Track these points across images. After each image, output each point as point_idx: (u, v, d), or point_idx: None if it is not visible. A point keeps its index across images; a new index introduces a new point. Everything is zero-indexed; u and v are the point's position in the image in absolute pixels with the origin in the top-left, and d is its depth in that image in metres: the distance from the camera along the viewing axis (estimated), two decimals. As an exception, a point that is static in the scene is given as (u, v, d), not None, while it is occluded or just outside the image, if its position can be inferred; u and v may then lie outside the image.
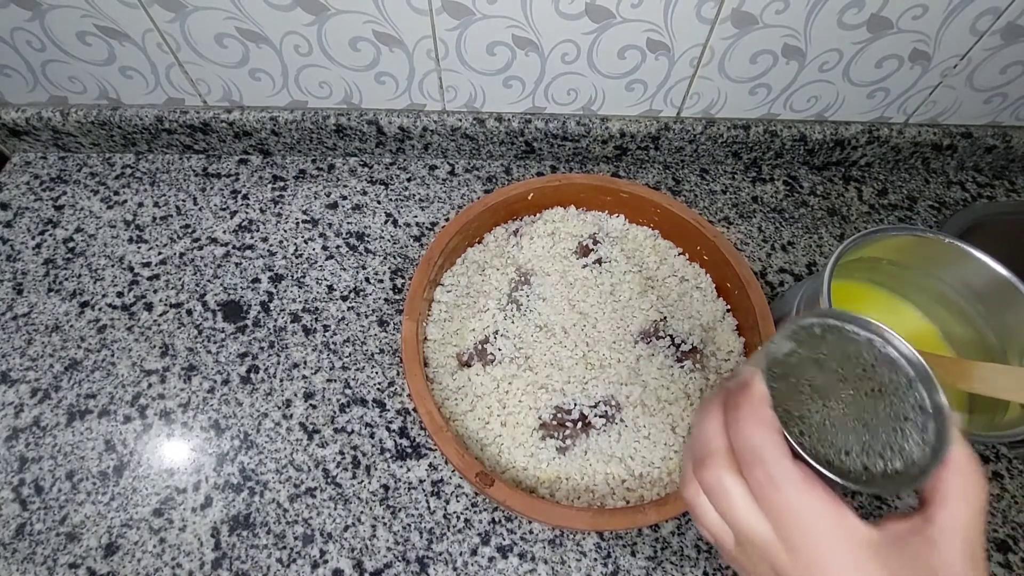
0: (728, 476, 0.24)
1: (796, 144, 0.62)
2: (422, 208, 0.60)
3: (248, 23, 0.50)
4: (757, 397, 0.25)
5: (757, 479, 0.24)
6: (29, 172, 0.62)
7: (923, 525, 0.23)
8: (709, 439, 0.26)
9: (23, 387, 0.49)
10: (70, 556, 0.42)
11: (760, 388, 0.25)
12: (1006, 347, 0.42)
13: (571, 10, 0.49)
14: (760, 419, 0.24)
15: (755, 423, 0.24)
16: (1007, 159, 0.64)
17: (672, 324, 0.47)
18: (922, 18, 0.50)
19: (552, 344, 0.46)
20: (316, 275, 0.55)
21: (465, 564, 0.42)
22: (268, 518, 0.43)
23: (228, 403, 0.48)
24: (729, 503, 0.24)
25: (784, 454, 0.23)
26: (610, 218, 0.54)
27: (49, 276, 0.55)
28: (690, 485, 0.26)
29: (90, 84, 0.57)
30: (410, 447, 0.46)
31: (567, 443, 0.42)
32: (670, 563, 0.42)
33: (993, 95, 0.58)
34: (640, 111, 0.60)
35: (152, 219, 0.59)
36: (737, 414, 0.25)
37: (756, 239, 0.59)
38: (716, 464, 0.25)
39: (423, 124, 0.59)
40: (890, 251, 0.45)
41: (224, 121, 0.59)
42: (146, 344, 0.51)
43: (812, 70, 0.55)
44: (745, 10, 0.49)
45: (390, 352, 0.51)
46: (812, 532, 0.23)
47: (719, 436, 0.25)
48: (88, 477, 0.45)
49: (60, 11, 0.50)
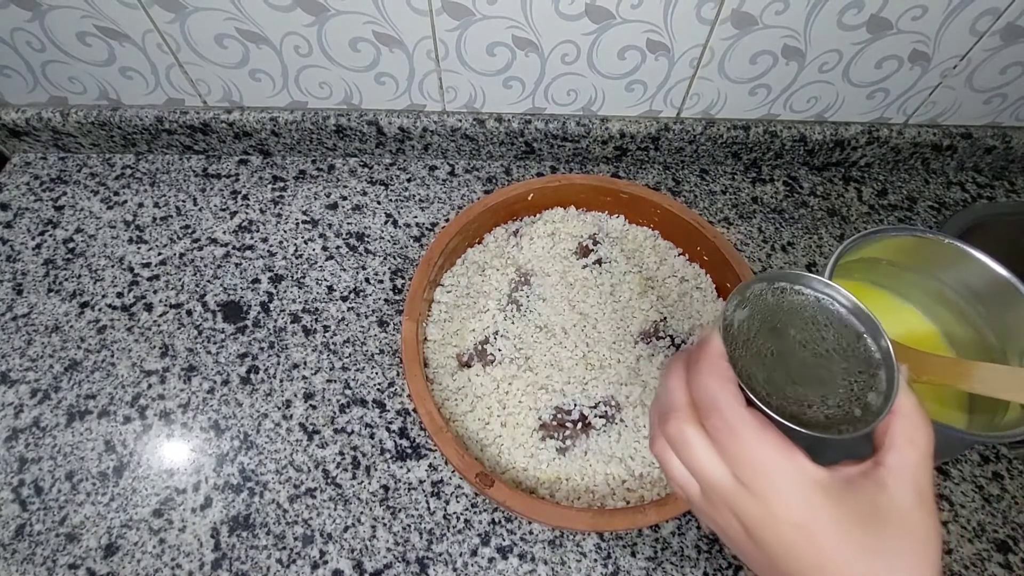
0: (689, 427, 0.26)
1: (796, 145, 0.62)
2: (422, 208, 0.60)
3: (248, 24, 0.51)
4: (714, 352, 0.26)
5: (715, 426, 0.25)
6: (29, 172, 0.62)
7: (873, 468, 0.24)
8: (672, 394, 0.27)
9: (23, 388, 0.49)
10: (70, 557, 0.42)
11: (717, 343, 0.26)
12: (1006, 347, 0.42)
13: (571, 11, 0.49)
14: (717, 371, 0.25)
15: (712, 375, 0.25)
16: (1007, 160, 0.64)
17: (672, 324, 0.47)
18: (922, 19, 0.50)
19: (552, 344, 0.46)
20: (316, 275, 0.55)
21: (465, 565, 0.42)
22: (268, 519, 0.43)
23: (228, 404, 0.48)
24: (691, 453, 0.25)
25: (739, 402, 0.25)
26: (610, 219, 0.54)
27: (49, 276, 0.54)
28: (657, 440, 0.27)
29: (90, 84, 0.57)
30: (410, 448, 0.46)
31: (567, 443, 0.42)
32: (670, 563, 0.42)
33: (993, 96, 0.58)
34: (640, 112, 0.60)
35: (152, 219, 0.59)
36: (696, 367, 0.26)
37: (756, 240, 0.59)
38: (678, 417, 0.26)
39: (423, 125, 0.59)
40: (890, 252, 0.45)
41: (224, 122, 0.59)
42: (146, 345, 0.51)
43: (812, 71, 0.55)
44: (745, 11, 0.49)
45: (390, 353, 0.51)
46: (767, 473, 0.24)
47: (681, 391, 0.27)
48: (88, 478, 0.45)
49: (60, 12, 0.50)
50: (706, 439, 0.25)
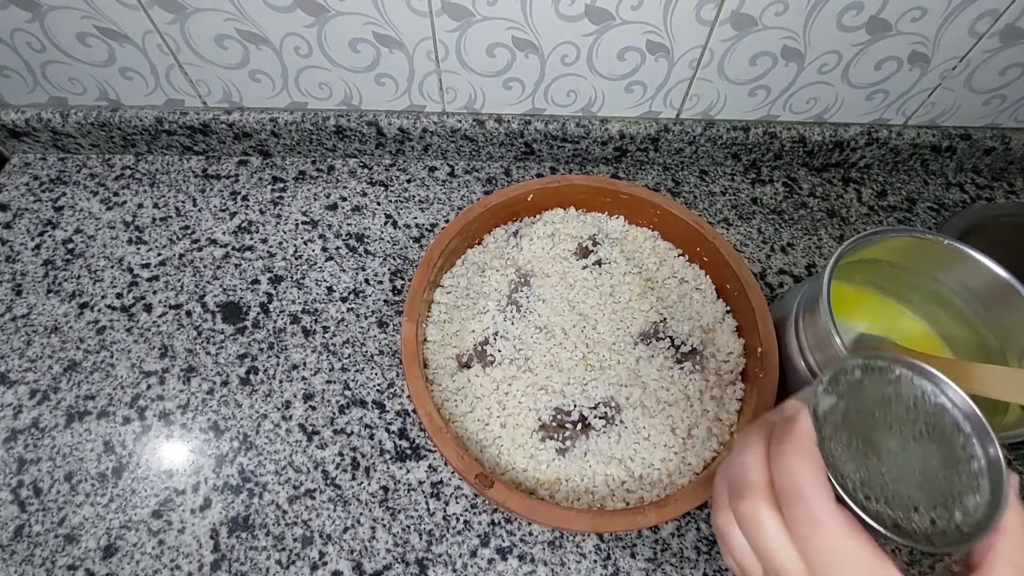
0: (766, 509, 0.24)
1: (795, 146, 0.62)
2: (422, 209, 0.60)
3: (248, 24, 0.51)
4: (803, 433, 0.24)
5: (797, 516, 0.23)
6: (28, 173, 0.62)
7: None
8: (749, 470, 0.25)
9: (22, 388, 0.48)
10: (68, 558, 0.42)
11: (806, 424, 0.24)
12: (1005, 349, 0.42)
13: (571, 12, 0.49)
14: (805, 455, 0.23)
15: (800, 458, 0.23)
16: (1006, 161, 0.64)
17: (672, 325, 0.47)
18: (921, 20, 0.50)
19: (552, 345, 0.46)
20: (316, 276, 0.55)
21: (465, 566, 0.42)
22: (267, 520, 0.43)
23: (227, 404, 0.48)
24: (764, 537, 0.23)
25: (828, 495, 0.23)
26: (610, 219, 0.54)
27: (48, 277, 0.54)
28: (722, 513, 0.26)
29: (90, 85, 0.57)
30: (410, 448, 0.46)
31: (567, 444, 0.42)
32: (670, 565, 0.42)
33: (992, 97, 0.58)
34: (640, 113, 0.60)
35: (152, 220, 0.59)
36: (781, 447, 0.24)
37: (755, 240, 0.59)
38: (754, 496, 0.24)
39: (423, 125, 0.59)
40: (889, 253, 0.45)
41: (224, 122, 0.59)
42: (145, 345, 0.51)
43: (811, 72, 0.55)
44: (744, 12, 0.49)
45: (390, 353, 0.51)
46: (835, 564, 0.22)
47: (759, 469, 0.25)
48: (87, 479, 0.45)
49: (60, 12, 0.50)
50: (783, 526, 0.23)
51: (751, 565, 0.25)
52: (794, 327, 0.44)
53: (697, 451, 0.42)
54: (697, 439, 0.42)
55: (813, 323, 0.42)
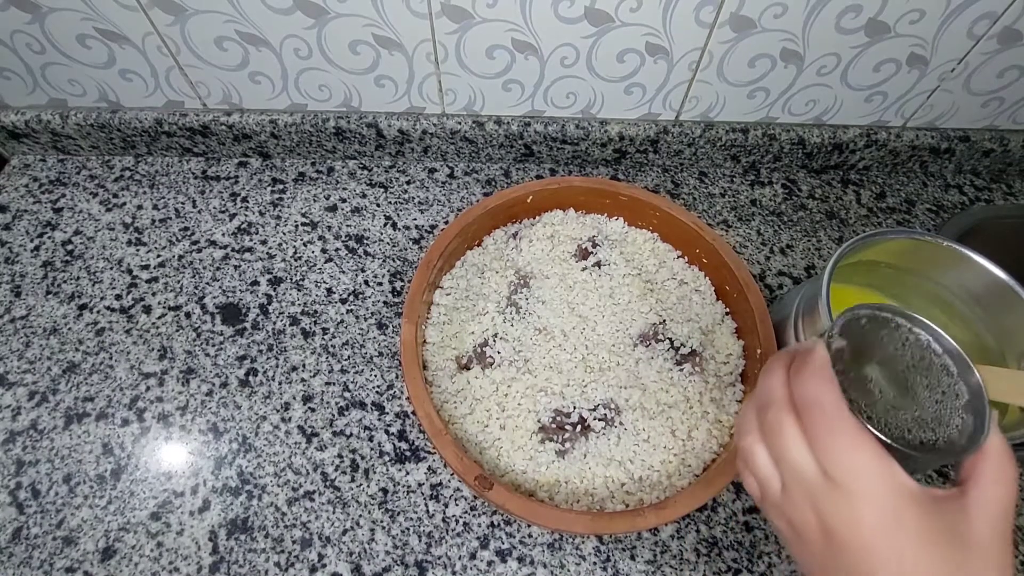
0: (787, 417, 0.26)
1: (794, 147, 0.62)
2: (421, 211, 0.60)
3: (248, 26, 0.51)
4: (820, 359, 0.27)
5: (814, 421, 0.25)
6: (28, 175, 0.62)
7: (958, 495, 0.25)
8: (773, 388, 0.28)
9: (20, 390, 0.48)
10: (67, 560, 0.42)
11: (822, 353, 0.27)
12: (1004, 350, 0.42)
13: (570, 14, 0.49)
14: (822, 373, 0.26)
15: (817, 378, 0.26)
16: (1004, 162, 0.64)
17: (671, 327, 0.47)
18: (919, 22, 0.50)
19: (551, 347, 0.46)
20: (315, 278, 0.55)
21: (464, 568, 0.42)
22: (266, 522, 0.43)
23: (226, 406, 0.48)
24: (785, 442, 0.26)
25: (843, 404, 0.25)
26: (609, 221, 0.54)
27: (47, 279, 0.54)
28: (748, 434, 0.28)
29: (90, 87, 0.57)
30: (409, 450, 0.46)
31: (566, 446, 0.42)
32: (669, 567, 0.42)
33: (990, 99, 0.58)
34: (639, 114, 0.60)
35: (151, 222, 0.58)
36: (801, 368, 0.27)
37: (755, 242, 0.59)
38: (778, 407, 0.27)
39: (422, 127, 0.59)
40: (888, 254, 0.45)
41: (224, 124, 0.59)
42: (144, 347, 0.51)
43: (810, 74, 0.55)
44: (743, 14, 0.49)
45: (389, 355, 0.51)
46: (860, 474, 0.24)
47: (782, 387, 0.27)
48: (85, 480, 0.45)
49: (60, 14, 0.50)
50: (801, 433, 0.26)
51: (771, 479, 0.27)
52: (793, 328, 0.44)
53: (697, 453, 0.42)
54: (697, 441, 0.42)
55: (812, 324, 0.42)
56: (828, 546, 0.25)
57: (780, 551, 0.43)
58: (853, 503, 0.24)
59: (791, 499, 0.26)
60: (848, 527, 0.24)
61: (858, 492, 0.24)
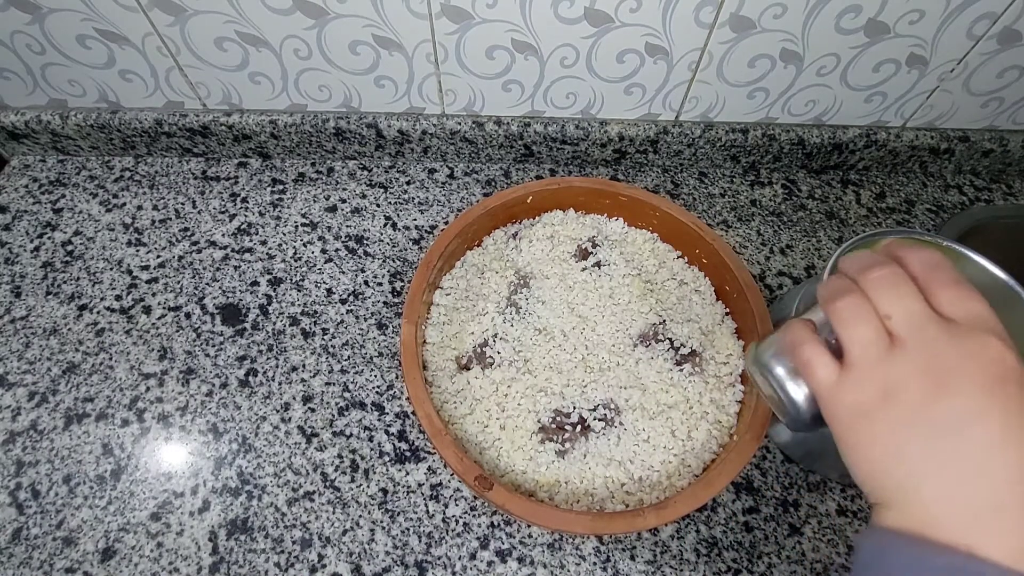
0: (900, 271, 0.26)
1: (794, 148, 0.62)
2: (421, 211, 0.60)
3: (248, 27, 0.51)
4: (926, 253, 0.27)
5: (935, 276, 0.25)
6: (28, 175, 0.62)
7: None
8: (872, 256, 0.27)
9: (20, 390, 0.48)
10: (67, 561, 0.42)
11: None
12: (1004, 350, 0.42)
13: (570, 14, 0.49)
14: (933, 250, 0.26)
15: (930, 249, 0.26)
16: (1004, 163, 0.64)
17: (671, 327, 0.47)
18: (919, 23, 0.50)
19: (551, 347, 0.46)
20: (315, 278, 0.55)
21: (464, 568, 0.42)
22: (266, 522, 0.43)
23: (226, 407, 0.48)
24: (902, 289, 0.25)
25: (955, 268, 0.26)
26: (609, 221, 0.54)
27: (47, 279, 0.54)
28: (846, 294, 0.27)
29: (89, 87, 0.57)
30: (409, 451, 0.46)
31: (566, 447, 0.42)
32: (669, 567, 0.42)
33: (990, 99, 0.58)
34: (639, 115, 0.60)
35: (151, 222, 0.58)
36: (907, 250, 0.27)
37: (755, 242, 0.59)
38: (885, 264, 0.26)
39: (422, 127, 0.59)
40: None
41: (223, 124, 0.59)
42: (144, 347, 0.51)
43: (810, 74, 0.55)
44: (743, 14, 0.49)
45: (389, 355, 0.51)
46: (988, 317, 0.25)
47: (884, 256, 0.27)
48: (85, 481, 0.45)
49: (60, 15, 0.50)
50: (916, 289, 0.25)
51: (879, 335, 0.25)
52: (793, 329, 0.44)
53: (697, 453, 0.42)
54: (697, 441, 0.42)
55: (812, 325, 0.41)
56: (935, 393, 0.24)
57: (780, 551, 0.43)
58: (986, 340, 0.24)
59: (905, 351, 0.25)
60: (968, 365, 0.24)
61: (990, 331, 0.24)
